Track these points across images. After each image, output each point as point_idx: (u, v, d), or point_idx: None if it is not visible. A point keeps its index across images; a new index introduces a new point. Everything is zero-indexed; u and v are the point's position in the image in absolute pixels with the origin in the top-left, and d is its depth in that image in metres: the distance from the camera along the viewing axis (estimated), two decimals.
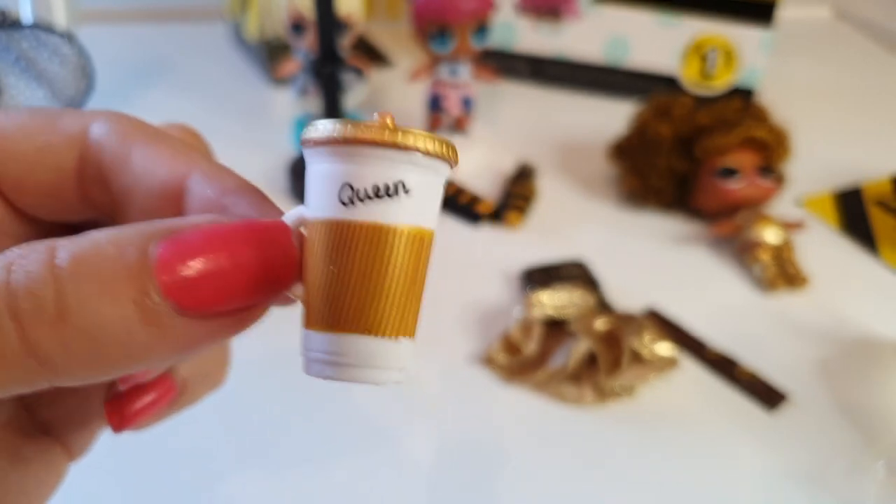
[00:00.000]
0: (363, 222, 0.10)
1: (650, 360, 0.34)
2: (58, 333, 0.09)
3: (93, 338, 0.09)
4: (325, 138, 0.10)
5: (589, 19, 0.58)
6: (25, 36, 0.46)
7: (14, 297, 0.09)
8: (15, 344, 0.09)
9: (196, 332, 0.10)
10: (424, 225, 0.11)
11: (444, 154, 0.11)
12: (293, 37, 0.48)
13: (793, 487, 0.30)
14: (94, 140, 0.12)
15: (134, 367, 0.10)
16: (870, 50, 0.73)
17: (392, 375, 0.11)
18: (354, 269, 0.10)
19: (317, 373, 0.11)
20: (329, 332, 0.11)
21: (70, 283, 0.09)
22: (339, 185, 0.10)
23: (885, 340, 0.38)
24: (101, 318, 0.09)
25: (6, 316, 0.09)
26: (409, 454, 0.31)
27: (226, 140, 0.53)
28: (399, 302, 0.11)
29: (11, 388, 0.10)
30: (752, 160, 0.44)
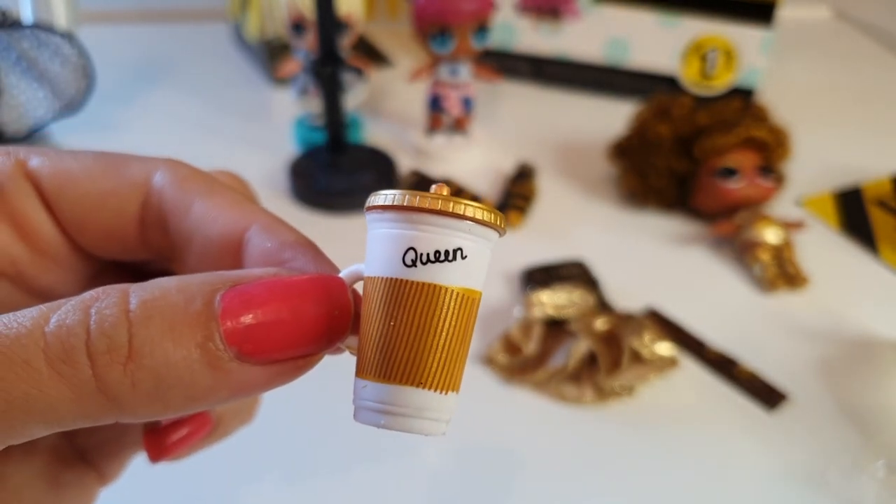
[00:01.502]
0: (424, 283, 0.11)
1: (650, 360, 0.34)
2: (128, 373, 0.10)
3: (159, 378, 0.10)
4: (391, 205, 0.11)
5: (589, 19, 0.58)
6: (26, 36, 0.46)
7: (90, 338, 0.10)
8: (88, 380, 0.10)
9: (254, 378, 0.11)
10: (475, 286, 0.12)
11: (494, 223, 0.12)
12: (294, 37, 0.48)
13: (792, 487, 0.30)
14: (157, 188, 0.13)
15: (194, 407, 0.11)
16: (870, 50, 0.73)
17: (439, 427, 0.12)
18: (412, 325, 0.11)
19: (368, 420, 0.12)
20: (382, 383, 0.11)
21: (141, 326, 0.10)
22: (403, 248, 0.11)
23: (884, 340, 0.38)
24: (167, 359, 0.10)
25: (83, 354, 0.10)
26: (409, 454, 0.31)
27: (226, 140, 0.54)
28: (449, 358, 0.11)
29: (80, 422, 0.10)
30: (752, 160, 0.44)
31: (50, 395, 0.10)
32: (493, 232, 0.12)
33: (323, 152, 0.48)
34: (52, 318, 0.10)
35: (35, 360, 0.10)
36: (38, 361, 0.10)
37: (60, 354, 0.10)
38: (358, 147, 0.50)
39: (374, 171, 0.47)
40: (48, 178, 0.12)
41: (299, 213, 0.46)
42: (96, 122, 0.54)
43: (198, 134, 0.54)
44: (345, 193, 0.46)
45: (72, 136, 0.53)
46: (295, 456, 0.31)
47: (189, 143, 0.53)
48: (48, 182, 0.13)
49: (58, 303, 0.10)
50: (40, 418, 0.10)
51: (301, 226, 0.15)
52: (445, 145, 0.51)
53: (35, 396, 0.10)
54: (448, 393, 0.11)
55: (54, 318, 0.10)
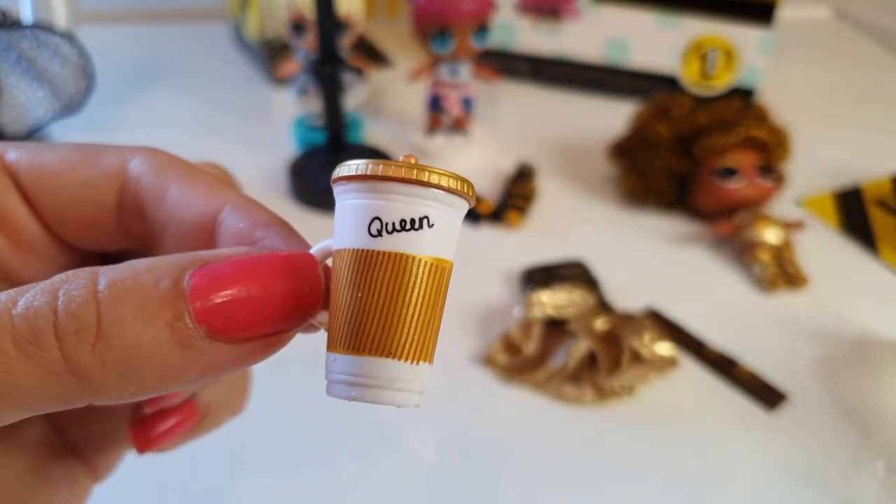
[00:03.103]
0: (390, 252, 0.11)
1: (650, 360, 0.34)
2: (97, 353, 0.10)
3: (129, 358, 0.10)
4: (356, 175, 0.11)
5: (589, 19, 0.58)
6: (26, 36, 0.46)
7: (58, 319, 0.10)
8: (57, 361, 0.10)
9: (225, 356, 0.11)
10: (444, 256, 0.11)
11: (462, 191, 0.11)
12: (293, 37, 0.48)
13: (792, 486, 0.30)
14: (133, 175, 0.13)
15: (166, 387, 0.11)
16: (869, 50, 0.73)
17: (411, 398, 0.12)
18: (380, 296, 0.11)
19: (339, 393, 0.12)
20: (352, 355, 0.11)
21: (110, 306, 0.10)
22: (368, 218, 0.11)
23: (884, 340, 0.38)
24: (137, 339, 0.10)
25: (51, 335, 0.10)
26: (409, 453, 0.31)
27: (226, 140, 0.54)
28: (420, 328, 0.11)
29: (50, 405, 0.10)
30: (752, 160, 0.44)
31: (19, 378, 0.09)
32: (462, 200, 0.11)
33: (323, 152, 0.48)
34: (19, 300, 0.10)
35: (2, 343, 0.09)
36: (6, 343, 0.09)
37: (28, 336, 0.10)
38: (358, 147, 0.50)
39: None
40: (26, 171, 0.12)
41: (299, 214, 0.46)
42: (96, 122, 0.54)
43: (197, 134, 0.54)
44: None
45: (72, 136, 0.53)
46: (285, 449, 0.31)
47: (188, 142, 0.53)
48: (26, 175, 0.13)
49: (26, 287, 0.10)
50: (11, 402, 0.10)
51: (300, 226, 0.15)
52: (445, 145, 0.51)
53: (4, 379, 0.09)
54: (420, 363, 0.11)
55: (22, 301, 0.10)
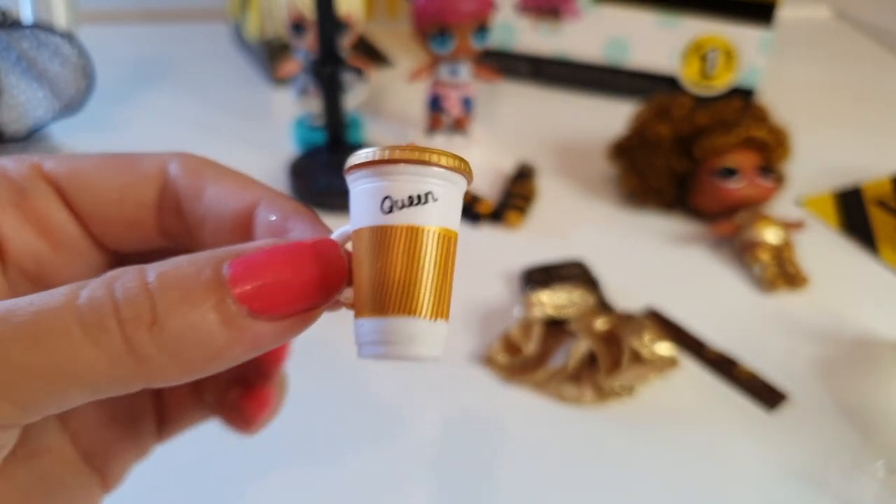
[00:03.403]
0: (402, 225, 0.12)
1: (650, 360, 0.34)
2: (153, 336, 0.11)
3: (181, 338, 0.11)
4: (366, 162, 0.13)
5: (589, 19, 0.58)
6: (26, 36, 0.46)
7: (117, 307, 0.11)
8: (119, 345, 0.11)
9: (266, 332, 0.12)
10: (450, 226, 0.13)
11: (460, 168, 0.13)
12: (293, 37, 0.48)
13: (792, 486, 0.30)
14: (172, 177, 0.14)
15: (215, 363, 0.12)
16: (869, 50, 0.73)
17: (433, 351, 0.13)
18: (397, 264, 0.12)
19: (369, 353, 0.13)
20: (378, 317, 0.13)
21: (160, 295, 0.11)
22: (380, 198, 0.12)
23: (884, 340, 0.38)
24: (186, 321, 0.11)
25: (113, 320, 0.11)
26: (409, 452, 0.31)
27: (227, 140, 0.54)
28: (434, 289, 0.13)
29: (112, 387, 0.11)
30: (752, 160, 0.44)
31: (87, 361, 0.11)
32: (460, 176, 0.13)
33: (323, 152, 0.48)
34: (81, 293, 0.11)
35: (73, 329, 0.11)
36: (76, 330, 0.11)
37: (93, 323, 0.11)
38: (358, 147, 0.50)
39: None
40: (66, 178, 0.13)
41: None
42: (96, 122, 0.54)
43: (198, 134, 0.54)
44: (345, 193, 0.46)
45: (72, 136, 0.53)
46: (285, 448, 0.31)
47: (189, 142, 0.53)
48: (67, 182, 0.14)
49: (83, 282, 0.11)
50: (79, 383, 0.11)
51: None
52: (445, 145, 0.51)
53: (74, 362, 0.11)
54: (437, 320, 0.13)
55: (84, 293, 0.11)
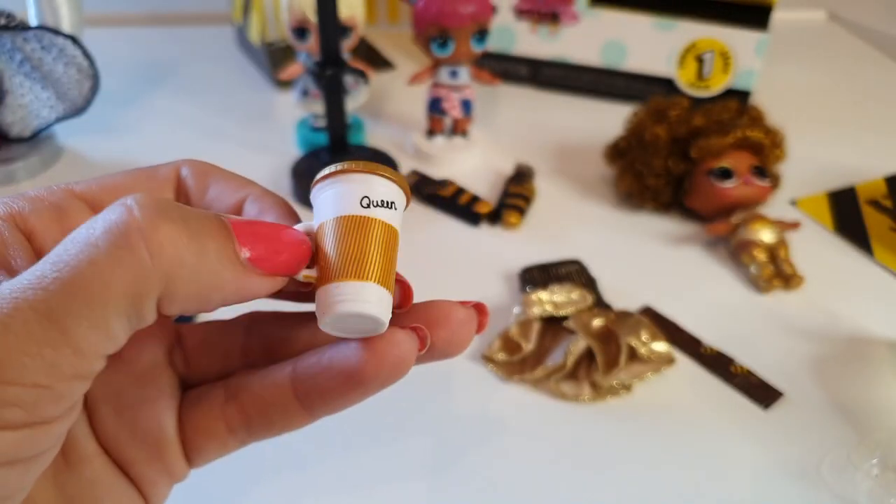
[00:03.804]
0: (374, 218, 0.16)
1: (647, 358, 0.34)
2: (178, 249, 0.13)
3: (199, 261, 0.13)
4: (352, 170, 0.16)
5: (586, 23, 0.58)
6: (31, 38, 0.47)
7: (139, 225, 0.12)
8: (145, 258, 0.12)
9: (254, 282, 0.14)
10: (398, 228, 0.17)
11: (408, 195, 0.17)
12: (296, 40, 0.49)
13: (787, 483, 0.30)
14: (183, 178, 0.16)
15: (214, 296, 0.14)
16: (864, 52, 0.74)
17: (378, 311, 0.15)
18: (360, 244, 0.16)
19: (328, 311, 0.15)
20: (337, 282, 0.15)
21: (183, 219, 0.13)
22: (359, 196, 0.16)
23: (878, 338, 0.38)
24: (205, 247, 0.13)
25: (138, 237, 0.12)
26: (409, 448, 0.32)
27: (230, 142, 0.54)
28: (383, 265, 0.16)
29: (141, 308, 0.13)
30: (747, 161, 0.44)
31: (119, 281, 0.12)
32: (404, 199, 0.17)
33: (325, 154, 0.49)
34: (96, 222, 0.12)
35: (95, 255, 0.12)
36: (99, 255, 0.12)
37: (119, 241, 0.12)
38: (360, 148, 0.50)
39: None
40: (96, 194, 0.15)
41: (301, 214, 0.46)
42: (101, 124, 0.55)
43: (201, 136, 0.55)
44: None
45: (76, 138, 0.53)
46: (284, 446, 0.31)
47: (192, 144, 0.54)
48: (98, 197, 0.15)
49: (96, 216, 0.13)
50: (117, 308, 0.12)
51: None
52: (445, 147, 0.52)
53: (107, 287, 0.12)
54: (383, 288, 0.16)
55: (100, 219, 0.12)
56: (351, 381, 0.15)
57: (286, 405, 0.16)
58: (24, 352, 0.11)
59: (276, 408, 0.16)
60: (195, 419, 0.17)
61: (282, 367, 0.16)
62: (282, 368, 0.16)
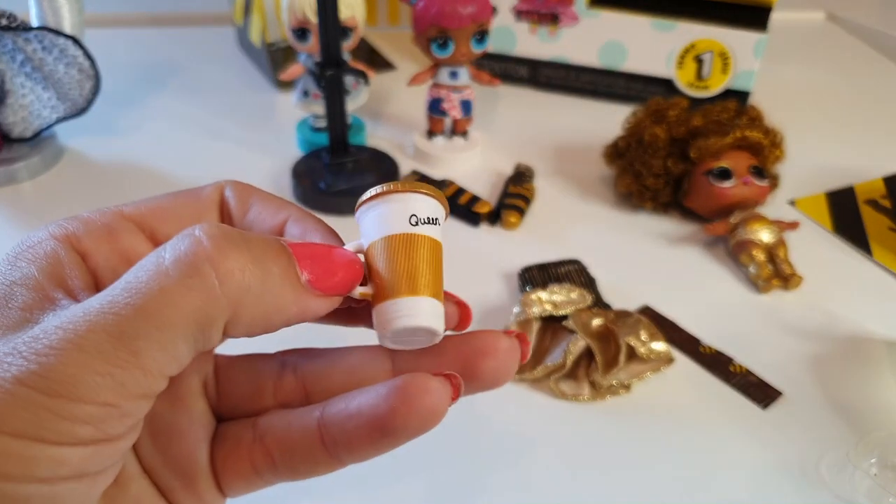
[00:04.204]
0: (423, 235, 0.17)
1: (646, 358, 0.35)
2: (245, 276, 0.13)
3: (263, 284, 0.14)
4: (398, 191, 0.17)
5: (586, 24, 0.58)
6: (33, 39, 0.47)
7: (208, 254, 0.13)
8: (213, 284, 0.13)
9: (313, 304, 0.15)
10: (441, 241, 0.18)
11: (447, 212, 0.18)
12: (296, 41, 0.49)
13: (786, 482, 0.31)
14: (227, 198, 0.17)
15: (278, 318, 0.14)
16: (862, 52, 0.74)
17: (433, 322, 0.16)
18: (416, 261, 0.16)
19: (388, 326, 0.16)
20: (394, 298, 0.16)
21: (248, 245, 0.14)
22: (408, 214, 0.17)
23: (876, 338, 0.38)
24: (269, 270, 0.14)
25: (207, 264, 0.13)
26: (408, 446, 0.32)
27: (231, 142, 0.54)
28: (433, 278, 0.17)
29: (206, 330, 0.13)
30: (746, 161, 0.44)
31: (188, 305, 0.13)
32: (444, 217, 0.18)
33: (325, 154, 0.49)
34: (164, 252, 0.13)
35: (163, 281, 0.13)
36: (167, 281, 0.13)
37: (187, 270, 0.13)
38: (360, 148, 0.50)
39: (376, 173, 0.48)
40: (145, 215, 0.16)
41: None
42: (102, 125, 0.55)
43: (202, 136, 0.55)
44: (347, 194, 0.46)
45: (77, 138, 0.53)
46: None
47: (194, 145, 0.54)
48: (146, 218, 0.16)
49: (158, 249, 0.14)
50: (184, 330, 0.13)
51: None
52: (445, 147, 0.52)
53: (177, 309, 0.12)
54: (436, 299, 0.17)
55: (169, 249, 0.13)
56: (379, 429, 0.15)
57: (312, 452, 0.16)
58: (96, 371, 0.12)
59: (301, 454, 0.16)
60: (224, 455, 0.17)
61: (310, 412, 0.16)
62: (310, 413, 0.16)
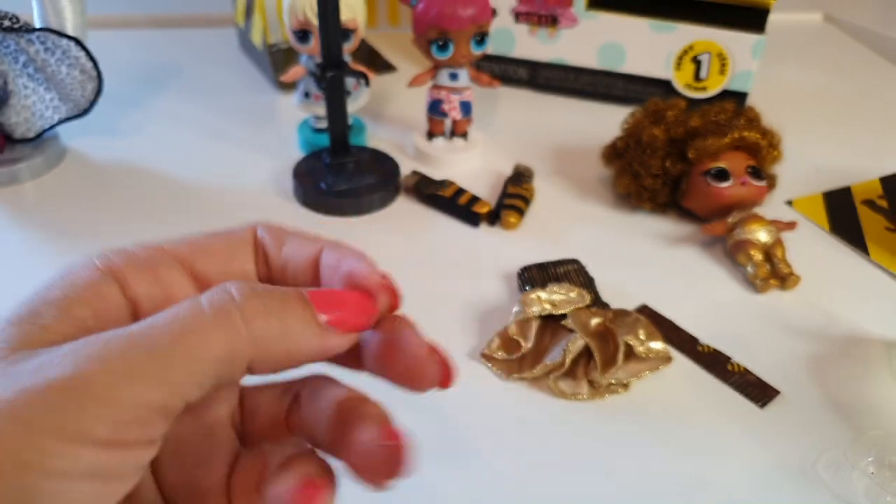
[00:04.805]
0: None
1: (644, 356, 0.35)
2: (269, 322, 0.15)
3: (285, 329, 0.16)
4: None
5: (585, 26, 0.59)
6: (35, 40, 0.47)
7: (237, 302, 0.15)
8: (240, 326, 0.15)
9: (335, 339, 0.17)
10: None
11: None
12: (297, 42, 0.49)
13: (784, 481, 0.31)
14: (260, 237, 0.19)
15: (301, 356, 0.16)
16: (860, 53, 0.74)
17: None
18: None
19: None
20: None
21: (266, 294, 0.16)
22: None
23: (874, 337, 0.39)
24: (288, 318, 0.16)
25: (236, 311, 0.15)
26: None
27: (233, 143, 0.55)
28: None
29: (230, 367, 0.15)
30: (744, 162, 0.45)
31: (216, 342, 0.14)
32: None
33: (326, 155, 0.49)
34: (201, 299, 0.15)
35: (205, 320, 0.14)
36: (208, 320, 0.14)
37: (220, 314, 0.15)
38: (361, 149, 0.51)
39: (377, 173, 0.48)
40: (185, 252, 0.18)
41: (304, 215, 0.47)
42: (104, 125, 0.55)
43: (204, 137, 0.55)
44: (348, 195, 0.47)
45: (80, 139, 0.54)
46: None
47: (195, 145, 0.54)
48: (186, 255, 0.18)
49: (193, 297, 0.15)
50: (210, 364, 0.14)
51: (306, 228, 0.18)
52: (446, 148, 0.52)
53: (207, 344, 0.14)
54: None
55: (204, 298, 0.15)
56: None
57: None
58: (123, 375, 0.13)
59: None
60: (238, 479, 0.18)
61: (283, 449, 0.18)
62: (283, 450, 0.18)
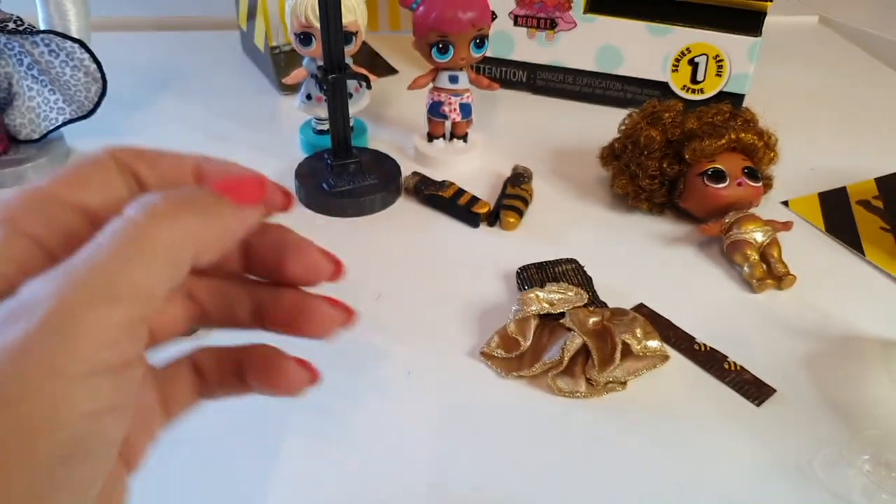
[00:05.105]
0: None
1: (642, 355, 0.35)
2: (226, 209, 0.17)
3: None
4: None
5: (582, 29, 0.59)
6: (40, 42, 0.48)
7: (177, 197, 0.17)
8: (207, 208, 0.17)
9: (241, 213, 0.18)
10: None
11: None
12: (300, 45, 0.50)
13: (780, 479, 0.31)
14: (121, 158, 0.19)
15: (237, 223, 0.17)
16: (855, 55, 0.74)
17: None
18: None
19: None
20: None
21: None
22: None
23: (869, 336, 0.39)
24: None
25: (188, 199, 0.17)
26: (409, 443, 0.32)
27: (235, 145, 0.55)
28: None
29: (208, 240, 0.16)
30: (740, 163, 0.45)
31: (156, 239, 0.15)
32: None
33: (328, 156, 0.50)
34: (128, 212, 0.16)
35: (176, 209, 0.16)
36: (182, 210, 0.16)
37: (150, 217, 0.15)
38: (362, 150, 0.51)
39: (378, 175, 0.49)
40: (69, 192, 0.17)
41: (306, 216, 0.47)
42: (108, 127, 0.56)
43: (207, 139, 0.56)
44: (350, 195, 0.47)
45: (84, 140, 0.54)
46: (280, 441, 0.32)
47: (199, 148, 0.54)
48: (71, 194, 0.17)
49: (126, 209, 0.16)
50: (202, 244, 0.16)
51: (307, 229, 0.18)
52: (446, 150, 0.53)
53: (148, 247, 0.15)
54: None
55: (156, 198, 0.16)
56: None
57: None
58: (103, 298, 0.14)
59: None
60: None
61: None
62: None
